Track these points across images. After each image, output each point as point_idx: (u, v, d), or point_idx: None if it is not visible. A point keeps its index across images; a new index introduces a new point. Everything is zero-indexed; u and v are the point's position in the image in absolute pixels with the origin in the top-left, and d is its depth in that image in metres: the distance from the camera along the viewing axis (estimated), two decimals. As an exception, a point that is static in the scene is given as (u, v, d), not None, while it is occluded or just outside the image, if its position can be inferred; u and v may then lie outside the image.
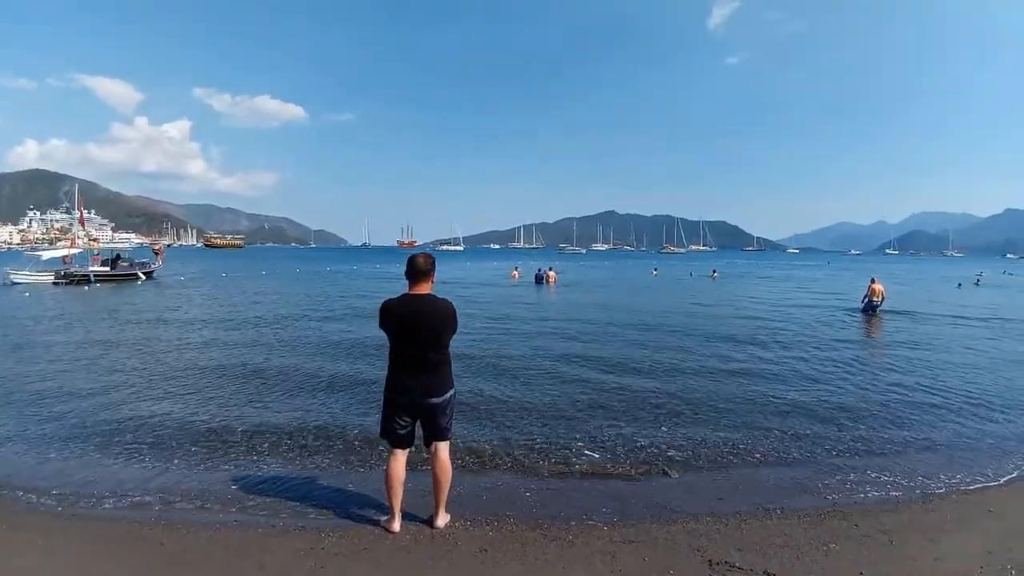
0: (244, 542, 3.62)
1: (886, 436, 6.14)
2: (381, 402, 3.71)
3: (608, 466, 5.15)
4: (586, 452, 5.47)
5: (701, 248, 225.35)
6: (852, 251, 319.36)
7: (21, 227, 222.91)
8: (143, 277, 31.90)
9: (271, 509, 4.15)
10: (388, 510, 3.75)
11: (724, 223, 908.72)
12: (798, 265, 73.26)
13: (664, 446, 5.67)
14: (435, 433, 3.65)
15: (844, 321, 16.63)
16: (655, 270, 47.04)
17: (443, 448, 3.69)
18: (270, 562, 3.35)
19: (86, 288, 26.69)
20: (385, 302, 3.56)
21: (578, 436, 5.94)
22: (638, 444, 5.71)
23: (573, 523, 3.95)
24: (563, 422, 6.47)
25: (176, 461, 5.21)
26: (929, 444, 5.91)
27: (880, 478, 4.91)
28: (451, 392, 3.64)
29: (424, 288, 3.57)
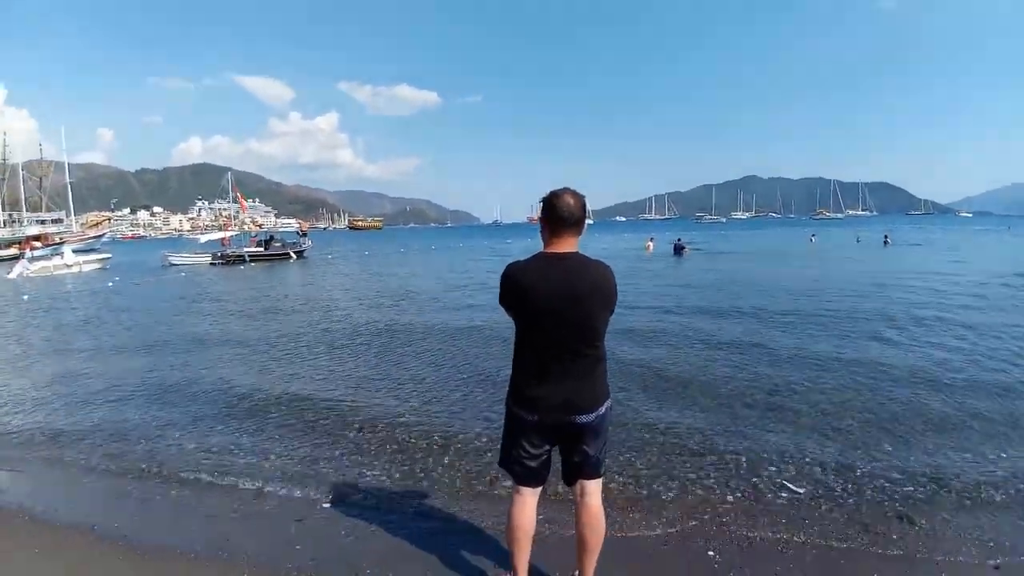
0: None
1: None
2: (502, 418, 2.47)
3: (822, 505, 3.54)
4: (785, 483, 3.82)
5: (860, 213, 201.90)
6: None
7: (191, 215, 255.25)
8: (294, 256, 34.24)
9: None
10: (510, 568, 2.51)
11: (885, 184, 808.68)
12: (977, 231, 61.33)
13: (894, 475, 3.90)
14: (582, 466, 2.35)
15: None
16: (813, 236, 41.67)
17: (594, 490, 2.38)
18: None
19: (241, 267, 29.13)
20: (509, 266, 2.28)
21: (764, 455, 4.30)
22: (854, 471, 3.99)
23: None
24: (734, 433, 4.78)
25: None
26: None
27: None
28: (607, 404, 2.32)
29: (570, 244, 2.25)
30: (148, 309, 14.24)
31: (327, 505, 3.64)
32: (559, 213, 2.21)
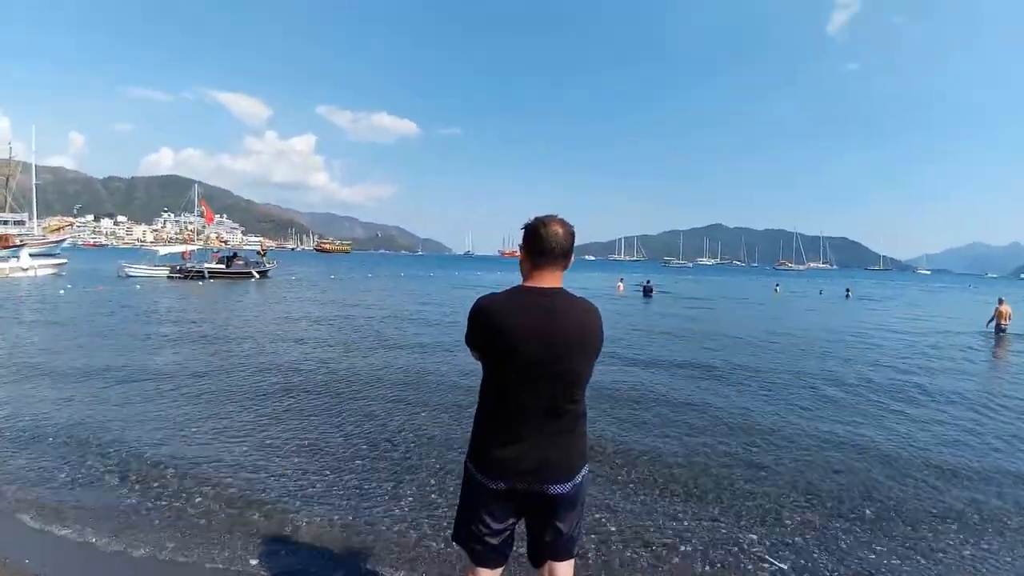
0: None
1: None
2: (459, 484, 2.07)
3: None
4: (768, 559, 3.47)
5: (821, 265, 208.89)
6: (989, 274, 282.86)
7: (155, 227, 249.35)
8: (256, 276, 33.16)
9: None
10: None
11: (844, 239, 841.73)
12: (937, 288, 63.85)
13: (886, 552, 3.59)
14: (554, 546, 1.97)
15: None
16: (777, 286, 42.59)
17: (565, 573, 2.02)
18: None
19: (199, 283, 27.96)
20: (481, 300, 1.88)
21: (745, 523, 3.98)
22: (840, 545, 3.69)
23: None
24: (716, 497, 4.42)
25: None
26: None
27: None
28: (585, 471, 1.95)
29: (555, 279, 1.92)
30: (85, 324, 13.28)
31: None
32: (546, 243, 1.87)
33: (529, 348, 1.79)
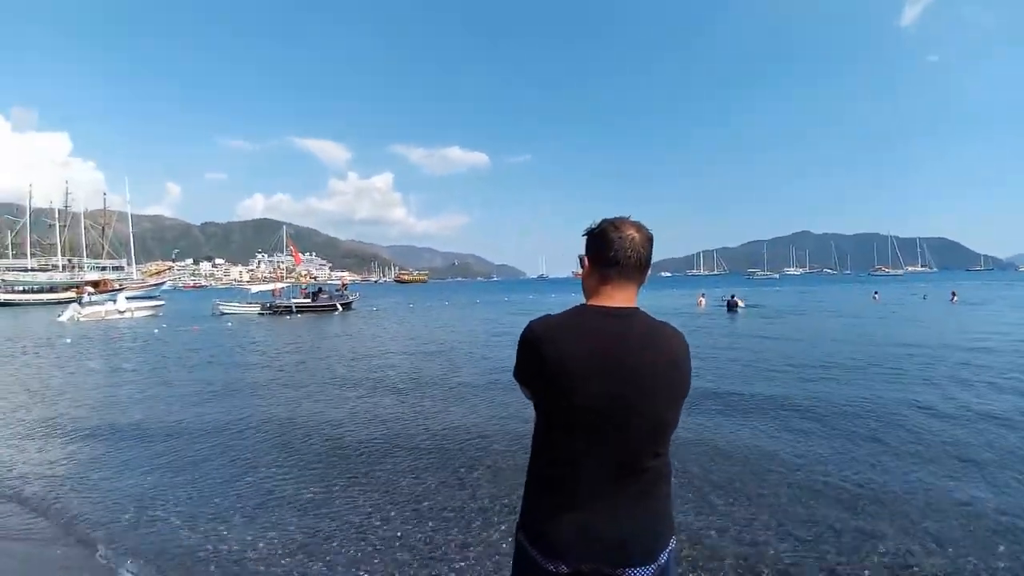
0: None
1: None
2: (512, 555, 1.56)
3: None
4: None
5: (919, 269, 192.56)
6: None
7: (250, 267, 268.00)
8: (340, 308, 34.55)
9: None
10: None
11: (943, 239, 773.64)
12: None
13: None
14: None
15: None
16: (876, 294, 39.33)
17: None
18: None
19: (288, 318, 29.41)
20: (532, 324, 1.48)
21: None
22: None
23: None
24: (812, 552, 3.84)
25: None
26: None
27: None
28: (671, 547, 1.47)
29: (628, 298, 1.52)
30: (173, 358, 14.24)
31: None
32: (619, 251, 1.47)
33: (593, 386, 1.37)
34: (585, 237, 1.56)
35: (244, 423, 7.43)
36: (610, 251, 1.47)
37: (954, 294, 35.11)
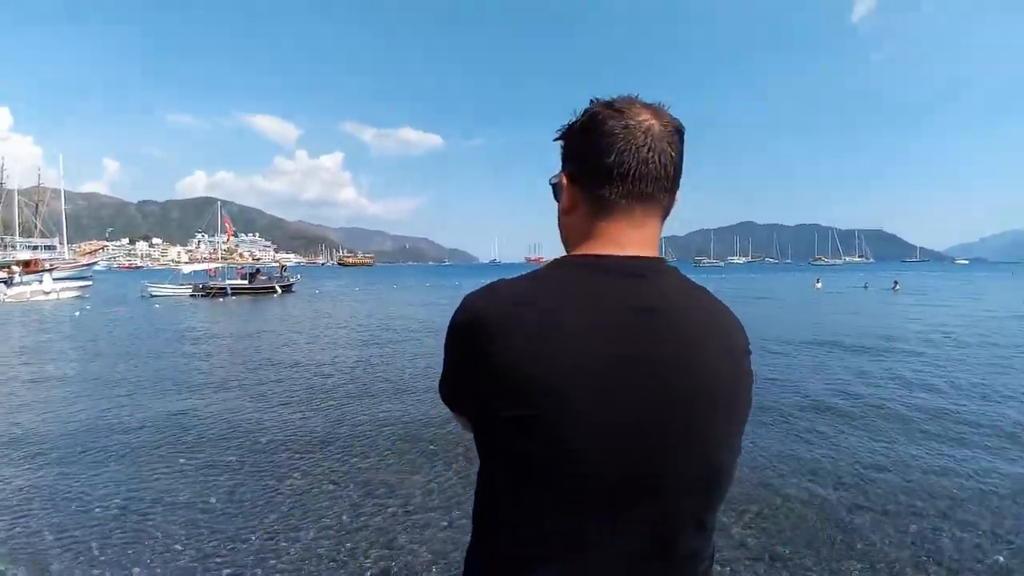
0: None
1: None
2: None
3: None
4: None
5: (857, 260, 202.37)
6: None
7: (189, 248, 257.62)
8: (279, 290, 32.90)
9: None
10: None
11: (880, 231, 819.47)
12: (979, 278, 59.87)
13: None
14: None
15: None
16: (818, 281, 40.34)
17: None
18: None
19: (221, 300, 27.70)
20: (475, 301, 0.74)
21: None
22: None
23: None
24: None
25: None
26: None
27: None
28: None
29: (648, 240, 0.78)
30: (79, 346, 12.83)
31: None
32: (626, 154, 0.75)
33: (603, 414, 0.69)
34: (561, 141, 0.85)
35: (125, 423, 6.47)
36: (610, 153, 0.76)
37: (896, 283, 35.92)
